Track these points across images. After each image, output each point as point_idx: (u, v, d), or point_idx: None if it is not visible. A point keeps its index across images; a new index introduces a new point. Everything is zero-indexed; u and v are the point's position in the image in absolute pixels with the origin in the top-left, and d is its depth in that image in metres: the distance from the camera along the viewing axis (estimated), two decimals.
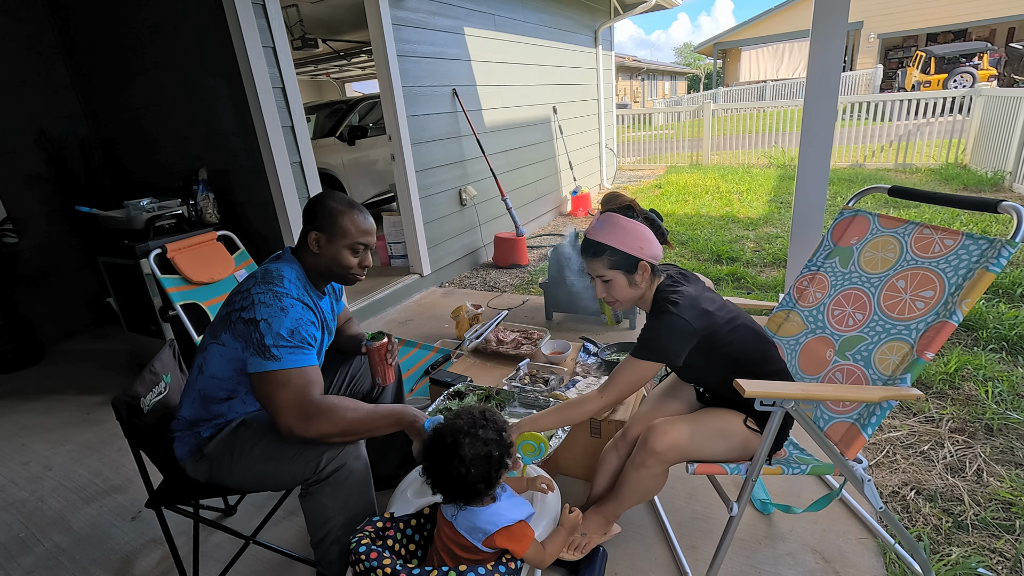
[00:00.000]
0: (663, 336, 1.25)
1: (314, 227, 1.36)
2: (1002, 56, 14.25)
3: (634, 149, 10.32)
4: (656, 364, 1.26)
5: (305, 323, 1.25)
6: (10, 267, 3.29)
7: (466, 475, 1.04)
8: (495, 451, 1.08)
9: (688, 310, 1.25)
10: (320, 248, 1.36)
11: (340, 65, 8.42)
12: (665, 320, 1.25)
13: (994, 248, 1.19)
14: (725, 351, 1.30)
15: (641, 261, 1.29)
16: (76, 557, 1.72)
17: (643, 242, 1.30)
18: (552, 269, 3.12)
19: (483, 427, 1.09)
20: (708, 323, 1.27)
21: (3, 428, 2.56)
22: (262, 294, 1.23)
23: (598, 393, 1.32)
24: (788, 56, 21.21)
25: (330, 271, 1.38)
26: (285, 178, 2.90)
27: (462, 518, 1.08)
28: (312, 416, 1.20)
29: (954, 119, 6.94)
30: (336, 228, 1.34)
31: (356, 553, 1.03)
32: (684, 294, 1.27)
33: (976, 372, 2.28)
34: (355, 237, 1.36)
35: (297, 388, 1.20)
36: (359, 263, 1.39)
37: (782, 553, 1.51)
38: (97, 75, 3.50)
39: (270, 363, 1.19)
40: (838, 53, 2.39)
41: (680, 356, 1.27)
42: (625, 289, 1.33)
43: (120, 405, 1.27)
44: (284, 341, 1.20)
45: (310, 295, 1.35)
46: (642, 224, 1.31)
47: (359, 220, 1.37)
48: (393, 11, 3.49)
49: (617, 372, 1.31)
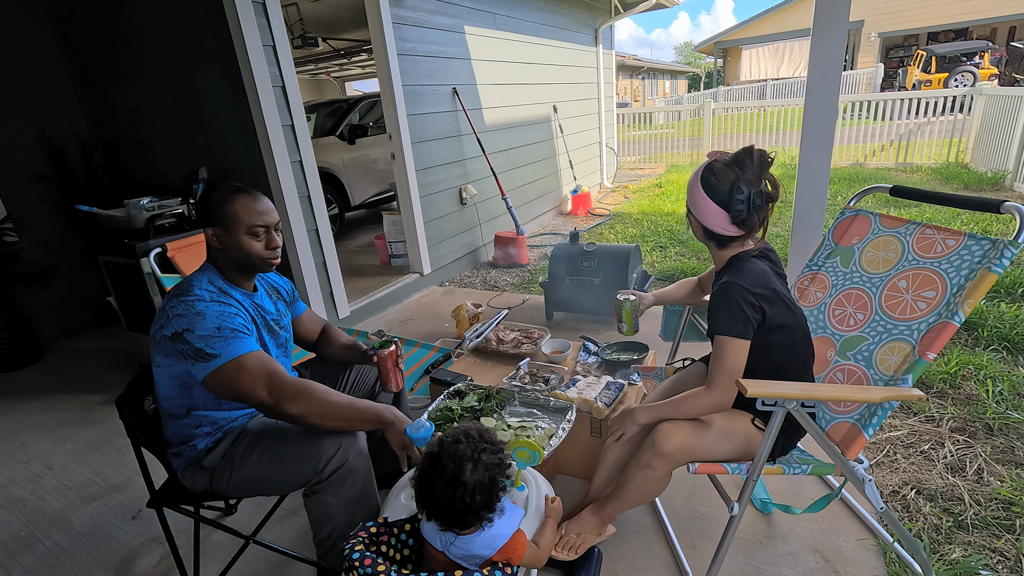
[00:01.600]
0: (724, 305, 1.23)
1: (209, 222, 1.31)
2: (1003, 55, 14.22)
3: (635, 148, 10.31)
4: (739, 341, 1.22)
5: (228, 316, 1.23)
6: (10, 266, 3.28)
7: (469, 504, 0.99)
8: (498, 475, 1.03)
9: (745, 277, 1.25)
10: (221, 242, 1.31)
11: (340, 64, 8.41)
12: (722, 288, 1.26)
13: (996, 249, 1.19)
14: (766, 344, 1.27)
15: (690, 214, 1.36)
16: (76, 556, 1.73)
17: (693, 203, 1.33)
18: (552, 268, 3.11)
19: (484, 451, 1.03)
20: (767, 303, 1.24)
21: (3, 427, 2.56)
22: (174, 307, 1.21)
23: (706, 391, 1.26)
24: (789, 55, 21.18)
25: (242, 262, 1.33)
26: (285, 177, 2.90)
27: (457, 548, 1.03)
28: (288, 393, 1.20)
29: (955, 118, 6.93)
30: (228, 217, 1.29)
31: (350, 560, 1.02)
32: (753, 267, 1.28)
33: (977, 371, 2.28)
34: (248, 220, 1.30)
35: (256, 368, 1.20)
36: (265, 245, 1.33)
37: (782, 553, 1.51)
38: (97, 74, 3.49)
39: (213, 362, 1.18)
40: (839, 52, 2.39)
41: (750, 326, 1.23)
42: (694, 227, 1.39)
43: (123, 404, 1.27)
44: (215, 338, 1.19)
45: (230, 294, 1.32)
46: (703, 194, 1.29)
47: (248, 203, 1.30)
48: (393, 10, 3.48)
49: (713, 361, 1.26)
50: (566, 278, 3.03)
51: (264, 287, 1.48)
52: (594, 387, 1.84)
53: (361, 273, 4.27)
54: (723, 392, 1.24)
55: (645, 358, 2.06)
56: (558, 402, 1.68)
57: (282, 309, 1.52)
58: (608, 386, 1.84)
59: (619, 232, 5.18)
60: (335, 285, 3.29)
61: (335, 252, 3.28)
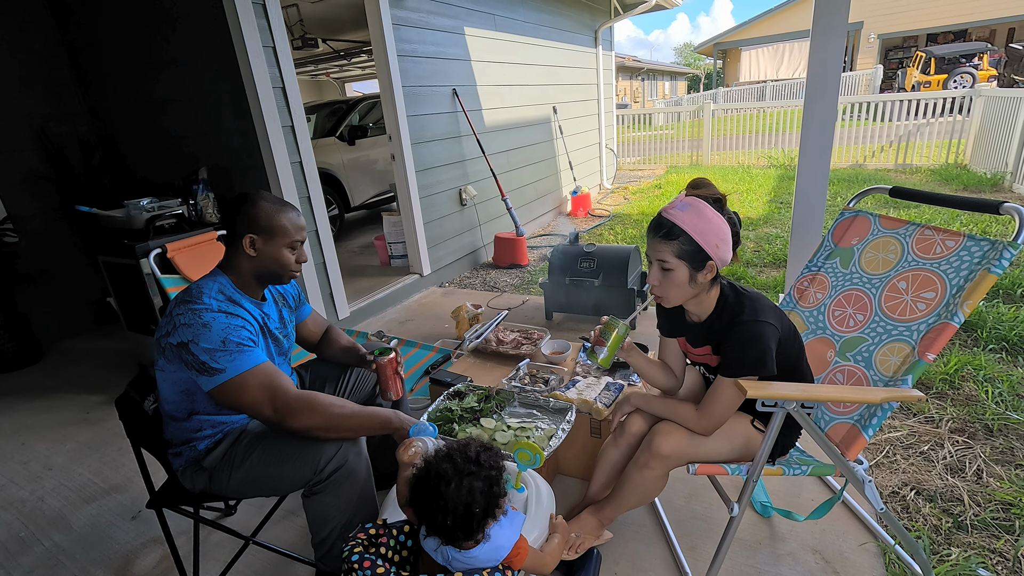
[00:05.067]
0: (758, 346, 1.17)
1: (249, 230, 1.32)
2: (1002, 56, 14.24)
3: (634, 149, 10.32)
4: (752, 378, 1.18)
5: (234, 329, 1.23)
6: (10, 266, 3.28)
7: (466, 517, 0.97)
8: (494, 486, 1.01)
9: (769, 313, 1.21)
10: (257, 250, 1.33)
11: (340, 65, 8.42)
12: (755, 329, 1.18)
13: (996, 250, 1.19)
14: (783, 365, 1.25)
15: (711, 260, 1.19)
16: (76, 556, 1.72)
17: (721, 241, 1.18)
18: (552, 269, 3.11)
19: (480, 466, 1.01)
20: (784, 324, 1.24)
21: (3, 427, 2.56)
22: (182, 315, 1.22)
23: (695, 415, 1.27)
24: (788, 56, 21.21)
25: (269, 272, 1.36)
26: (285, 178, 2.90)
27: (459, 563, 1.01)
28: (293, 408, 1.21)
29: (954, 119, 6.94)
30: (274, 228, 1.32)
31: (349, 562, 1.01)
32: (756, 299, 1.24)
33: (976, 372, 2.28)
34: (293, 235, 1.35)
35: (259, 386, 1.21)
36: (296, 259, 1.38)
37: (782, 553, 1.51)
38: (97, 74, 3.50)
39: (218, 376, 1.19)
40: (838, 53, 2.39)
41: (774, 363, 1.19)
42: (683, 285, 1.21)
43: (122, 404, 1.27)
44: (220, 352, 1.19)
45: (239, 304, 1.32)
46: (726, 223, 1.20)
47: (294, 217, 1.37)
48: (393, 11, 3.48)
49: (712, 396, 1.23)
50: (566, 279, 3.03)
51: (272, 295, 1.49)
52: (594, 388, 1.84)
53: (361, 274, 4.27)
54: (713, 424, 1.26)
55: None
56: (558, 403, 1.68)
57: (286, 316, 1.53)
58: (608, 387, 1.84)
59: (619, 233, 5.18)
60: (335, 286, 3.29)
61: (335, 253, 3.28)
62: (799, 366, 1.34)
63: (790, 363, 1.29)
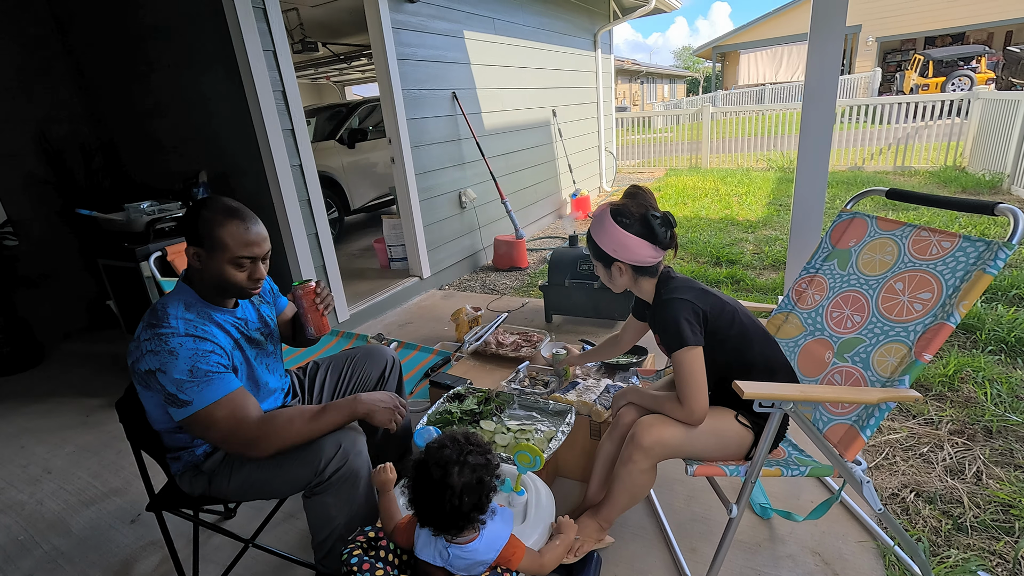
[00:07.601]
0: (674, 319, 1.29)
1: (191, 241, 1.21)
2: (1000, 59, 14.28)
3: (633, 152, 10.34)
4: (696, 348, 1.28)
5: (201, 355, 1.16)
6: (10, 269, 3.29)
7: (460, 506, 0.99)
8: (485, 476, 1.03)
9: (687, 291, 1.34)
10: (202, 264, 1.22)
11: (340, 68, 8.45)
12: (670, 306, 1.31)
13: (991, 250, 1.20)
14: (725, 344, 1.33)
15: (616, 261, 1.39)
16: (75, 560, 1.72)
17: (618, 247, 1.37)
18: (552, 272, 3.12)
19: (470, 452, 1.03)
20: (710, 303, 1.33)
21: (2, 430, 2.56)
22: (148, 340, 1.15)
23: (678, 404, 1.31)
24: (787, 59, 21.27)
25: (220, 288, 1.25)
26: (285, 181, 2.91)
27: (456, 559, 1.03)
28: (258, 439, 1.19)
29: (952, 122, 6.96)
30: (214, 242, 1.19)
31: (348, 565, 1.01)
32: (679, 280, 1.39)
33: (975, 374, 2.28)
34: (235, 251, 1.20)
35: (226, 420, 1.17)
36: (248, 276, 1.24)
37: (782, 555, 1.51)
38: (98, 78, 3.51)
39: (185, 409, 1.15)
40: (836, 56, 2.40)
41: (700, 335, 1.29)
42: (607, 279, 1.47)
43: (122, 408, 1.27)
44: (187, 382, 1.14)
45: (209, 319, 1.24)
46: (625, 233, 1.36)
47: (239, 231, 1.20)
48: (393, 15, 3.50)
49: (677, 377, 1.31)
50: (565, 281, 3.03)
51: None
52: (593, 390, 1.85)
53: (361, 277, 4.28)
54: (696, 403, 1.28)
55: (644, 361, 2.07)
56: (557, 405, 1.68)
57: (266, 312, 1.47)
58: (607, 389, 1.85)
59: None
60: (334, 288, 3.30)
61: (335, 256, 3.29)
62: (764, 365, 1.36)
63: (721, 333, 1.33)
